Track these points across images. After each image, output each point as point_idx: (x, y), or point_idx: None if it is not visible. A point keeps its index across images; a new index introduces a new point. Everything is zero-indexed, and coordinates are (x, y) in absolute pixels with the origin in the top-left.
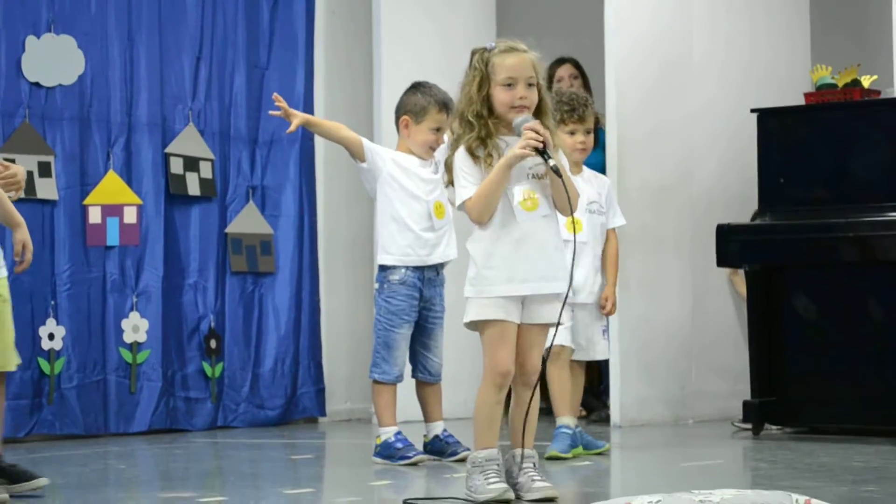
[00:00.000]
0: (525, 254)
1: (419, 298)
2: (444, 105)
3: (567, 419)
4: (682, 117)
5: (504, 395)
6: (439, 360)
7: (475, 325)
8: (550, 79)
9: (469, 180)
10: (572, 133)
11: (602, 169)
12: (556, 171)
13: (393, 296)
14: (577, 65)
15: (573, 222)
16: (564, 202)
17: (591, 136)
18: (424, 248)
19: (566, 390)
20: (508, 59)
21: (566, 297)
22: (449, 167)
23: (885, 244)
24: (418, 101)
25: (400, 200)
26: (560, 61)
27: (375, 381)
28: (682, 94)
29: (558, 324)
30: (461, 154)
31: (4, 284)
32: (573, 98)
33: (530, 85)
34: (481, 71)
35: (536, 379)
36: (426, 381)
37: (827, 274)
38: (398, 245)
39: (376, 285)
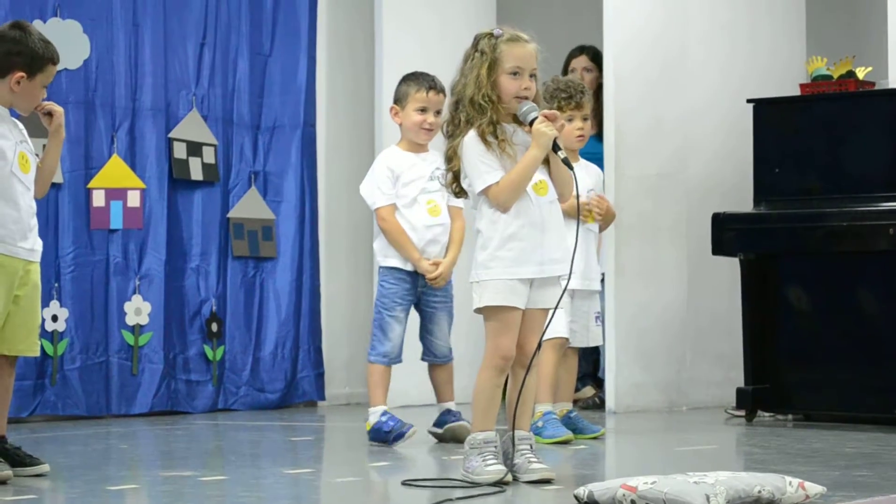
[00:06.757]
0: (542, 237)
1: (415, 283)
2: (426, 86)
3: (544, 406)
4: (679, 107)
5: (504, 379)
6: (444, 342)
7: (481, 309)
8: (566, 67)
9: (491, 165)
10: (570, 120)
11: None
12: (568, 164)
13: (386, 279)
14: (594, 56)
15: (578, 207)
16: (564, 189)
17: (589, 123)
18: (421, 246)
19: (550, 378)
20: (516, 48)
21: (568, 280)
22: (453, 154)
23: (877, 233)
24: (401, 88)
25: (398, 214)
26: (579, 49)
27: (369, 362)
28: (680, 84)
29: (556, 308)
30: (474, 139)
31: (37, 270)
32: (570, 85)
33: (532, 76)
34: (490, 56)
35: (532, 360)
36: (432, 362)
37: (820, 262)
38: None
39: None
